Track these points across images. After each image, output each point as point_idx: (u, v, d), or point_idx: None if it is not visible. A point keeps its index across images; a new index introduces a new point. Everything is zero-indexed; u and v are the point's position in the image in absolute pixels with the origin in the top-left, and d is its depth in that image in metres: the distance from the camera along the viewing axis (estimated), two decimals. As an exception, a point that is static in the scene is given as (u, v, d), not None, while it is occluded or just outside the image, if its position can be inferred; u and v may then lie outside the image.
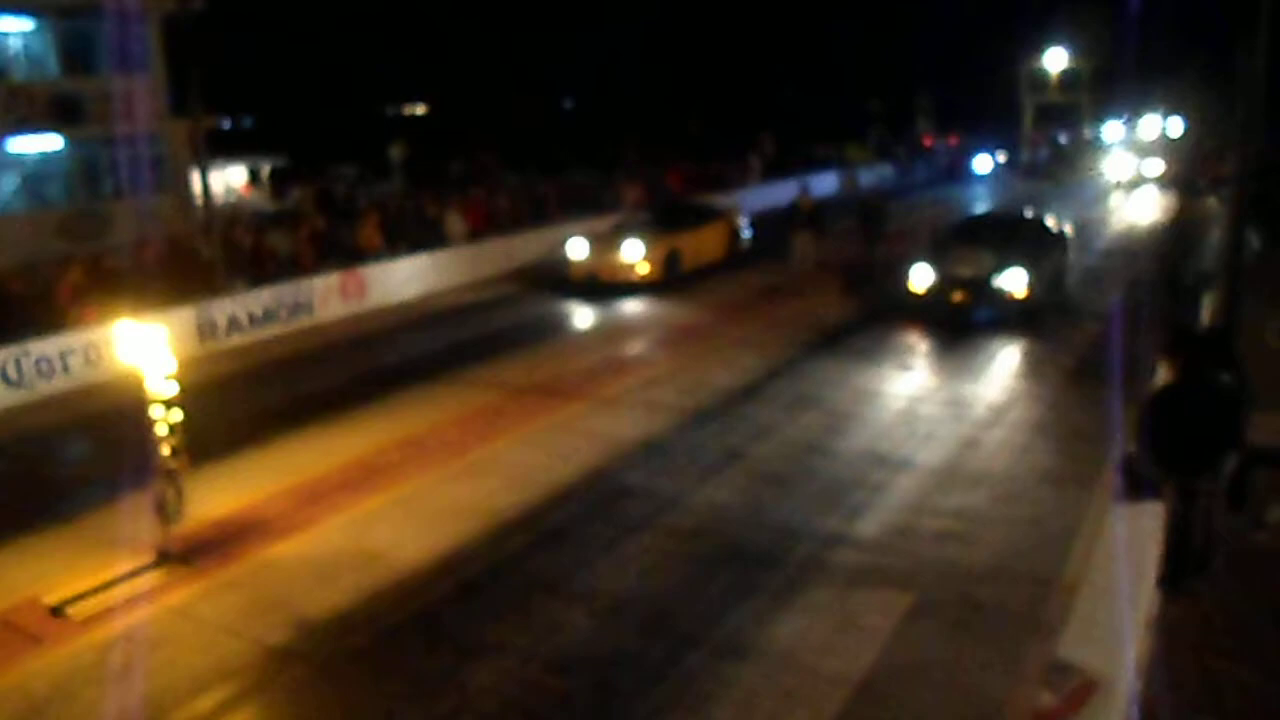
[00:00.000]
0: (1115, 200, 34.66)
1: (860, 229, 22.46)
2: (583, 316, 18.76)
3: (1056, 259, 17.97)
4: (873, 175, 41.39)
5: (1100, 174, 41.86)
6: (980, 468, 10.46)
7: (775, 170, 37.08)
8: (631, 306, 19.08)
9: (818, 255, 21.53)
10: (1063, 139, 52.38)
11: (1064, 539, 8.64)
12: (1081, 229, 24.42)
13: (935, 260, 16.87)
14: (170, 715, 6.72)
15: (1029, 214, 20.14)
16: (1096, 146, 52.58)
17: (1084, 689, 4.73)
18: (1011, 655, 6.92)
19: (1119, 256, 22.65)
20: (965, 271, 16.38)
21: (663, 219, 21.76)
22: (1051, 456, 10.75)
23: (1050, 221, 19.11)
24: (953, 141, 51.74)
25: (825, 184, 35.92)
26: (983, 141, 49.57)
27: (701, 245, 21.76)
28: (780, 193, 29.69)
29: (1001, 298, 16.06)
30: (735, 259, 22.66)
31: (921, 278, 16.63)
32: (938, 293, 16.45)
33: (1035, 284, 16.06)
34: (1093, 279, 19.94)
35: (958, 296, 16.31)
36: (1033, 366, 14.32)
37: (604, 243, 20.61)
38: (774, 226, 23.77)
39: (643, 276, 19.96)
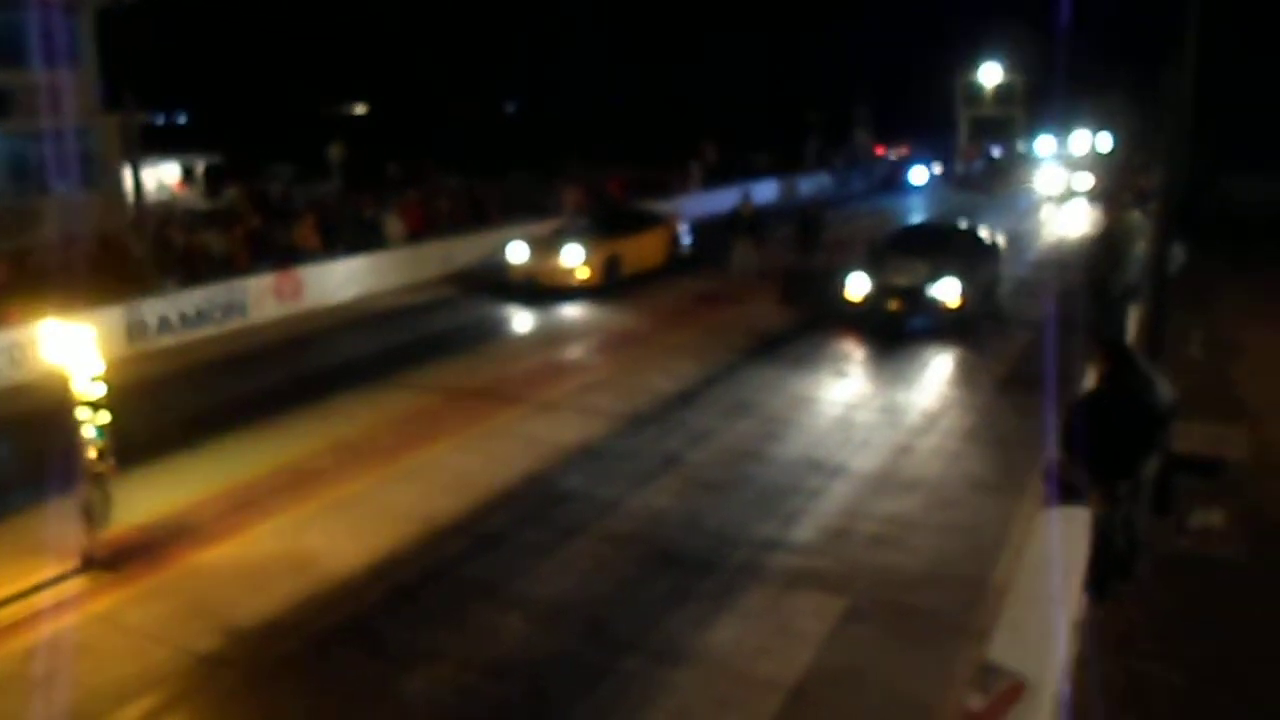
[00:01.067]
0: (1046, 213, 35.37)
1: (798, 237, 22.70)
2: (521, 320, 18.68)
3: (989, 269, 18.30)
4: (812, 184, 41.77)
5: (1032, 187, 42.68)
6: (914, 474, 10.59)
7: (717, 178, 37.23)
8: (571, 311, 19.04)
9: (757, 263, 21.68)
10: (996, 152, 53.36)
11: (994, 544, 8.79)
12: (1013, 241, 24.88)
13: (871, 269, 17.09)
14: (93, 725, 6.55)
15: (963, 225, 20.47)
16: (1029, 160, 53.59)
17: (1013, 690, 4.80)
18: (943, 658, 7.02)
19: (1049, 268, 23.11)
20: (901, 280, 16.61)
21: (603, 224, 21.73)
22: (983, 463, 10.92)
23: (984, 233, 19.44)
24: (904, 151, 52.43)
25: (766, 192, 36.18)
26: (919, 153, 50.30)
27: (642, 251, 21.78)
28: (721, 200, 29.83)
29: (936, 307, 16.32)
30: (676, 265, 22.70)
31: (858, 286, 16.83)
32: (874, 301, 16.66)
33: (968, 293, 16.34)
34: (1024, 289, 20.32)
35: (893, 305, 16.54)
36: (965, 374, 14.56)
37: (544, 247, 20.54)
38: (715, 234, 23.87)
39: (582, 281, 19.93)
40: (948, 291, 16.24)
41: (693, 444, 11.63)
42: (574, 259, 19.91)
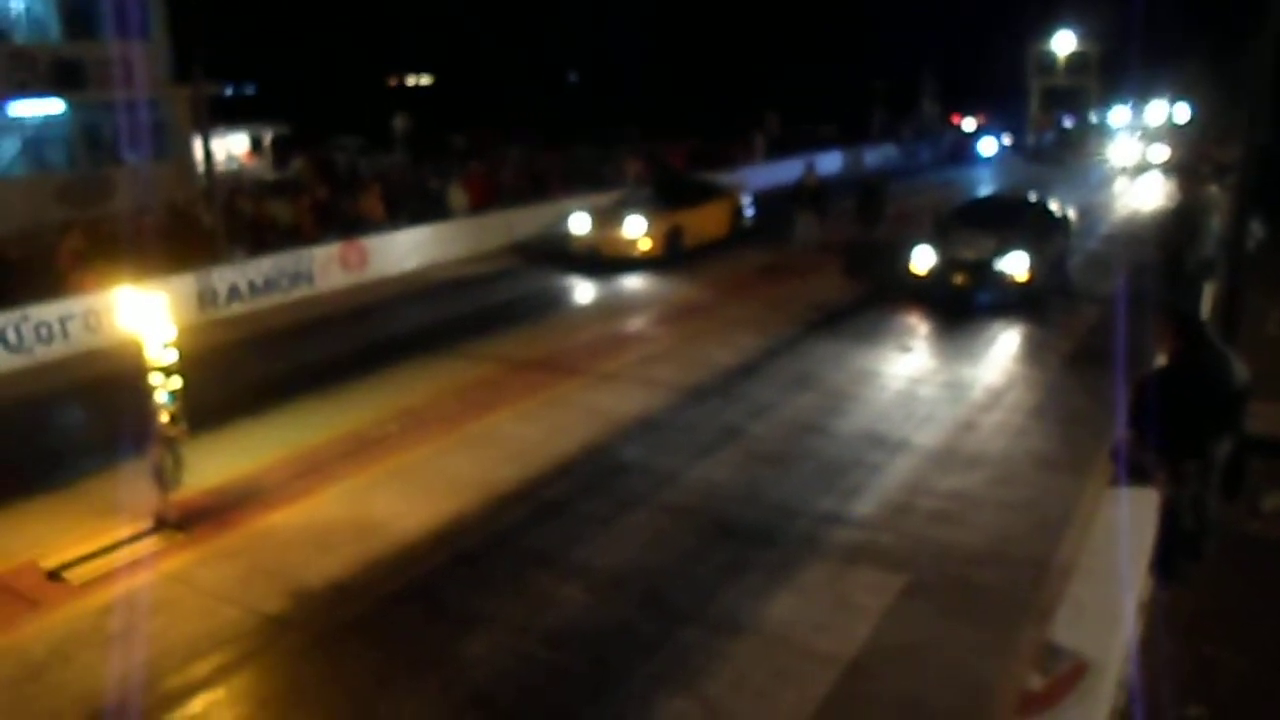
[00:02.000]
0: (1120, 186, 34.57)
1: (860, 210, 22.37)
2: (583, 291, 18.74)
3: (1059, 243, 17.96)
4: (877, 156, 41.25)
5: (1105, 159, 41.72)
6: (977, 450, 10.47)
7: (780, 149, 36.91)
8: (632, 283, 19.06)
9: (821, 235, 21.49)
10: (1068, 123, 52.10)
11: (1059, 523, 8.67)
12: (1085, 214, 24.36)
13: (938, 242, 16.86)
14: (167, 680, 6.76)
15: (1032, 198, 20.09)
16: (1102, 131, 52.31)
17: (1075, 672, 4.75)
18: (1004, 637, 6.96)
19: (1122, 242, 22.61)
20: (968, 254, 16.37)
21: (665, 195, 21.67)
22: (1048, 440, 10.76)
23: (1053, 205, 19.07)
24: (983, 120, 51.59)
25: (831, 163, 35.79)
26: (989, 123, 49.37)
27: (704, 223, 21.69)
28: (784, 172, 29.62)
29: (1003, 281, 16.06)
30: (738, 237, 22.59)
31: (923, 259, 16.62)
32: (939, 275, 16.44)
33: (1037, 268, 16.05)
34: (1095, 264, 19.91)
35: (959, 279, 16.31)
36: (1032, 350, 14.33)
37: (606, 218, 20.55)
38: (778, 206, 23.71)
39: (644, 253, 19.91)
40: (1016, 265, 15.97)
41: (753, 417, 11.60)
42: (636, 230, 19.89)
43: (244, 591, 7.89)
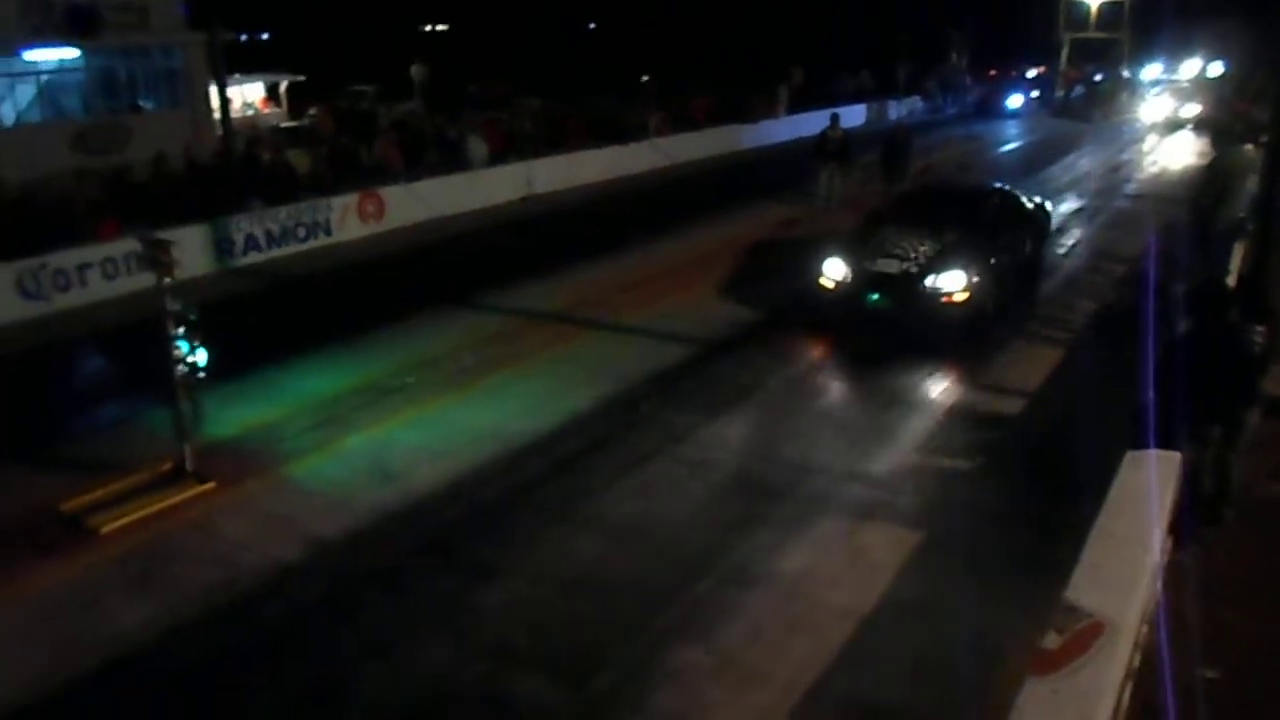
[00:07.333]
0: (1150, 143, 34.10)
1: (884, 163, 21.97)
2: (602, 245, 18.62)
3: (1025, 249, 14.46)
4: (902, 109, 40.84)
5: (1136, 115, 41.14)
6: (997, 410, 10.47)
7: (803, 102, 36.49)
8: (637, 236, 18.89)
9: (844, 189, 21.19)
10: (1099, 77, 51.26)
11: (1079, 483, 8.65)
12: (1113, 171, 24.04)
13: (857, 246, 13.25)
14: (187, 629, 6.89)
15: (995, 187, 16.27)
16: (1134, 87, 51.46)
17: (1091, 631, 4.79)
18: (1019, 596, 6.98)
19: (1150, 200, 22.35)
20: (887, 265, 12.54)
21: None
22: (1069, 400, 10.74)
23: (1024, 199, 15.46)
24: (1043, 70, 51.44)
25: (855, 116, 35.42)
26: (1046, 75, 48.97)
27: None
28: (807, 125, 29.28)
29: (933, 302, 12.28)
30: None
31: (835, 269, 12.86)
32: (850, 292, 12.63)
33: (981, 285, 12.38)
34: (1123, 223, 19.66)
35: (875, 298, 12.44)
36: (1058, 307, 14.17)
37: None
38: (801, 159, 23.43)
39: None
40: (951, 282, 12.22)
41: (770, 372, 11.63)
42: None
43: (262, 539, 8.01)
